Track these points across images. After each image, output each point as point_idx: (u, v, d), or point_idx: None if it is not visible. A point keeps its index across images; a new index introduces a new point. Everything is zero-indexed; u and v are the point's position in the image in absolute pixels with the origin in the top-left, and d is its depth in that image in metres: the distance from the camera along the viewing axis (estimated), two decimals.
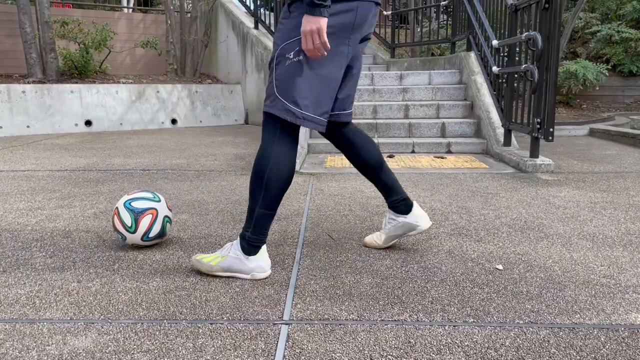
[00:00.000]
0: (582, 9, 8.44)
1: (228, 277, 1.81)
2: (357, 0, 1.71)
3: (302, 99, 1.71)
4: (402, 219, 2.03)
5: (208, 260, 1.82)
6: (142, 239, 2.07)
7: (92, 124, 6.83)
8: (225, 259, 1.80)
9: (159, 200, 2.14)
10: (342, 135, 1.99)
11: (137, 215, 2.04)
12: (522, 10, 4.16)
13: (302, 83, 1.70)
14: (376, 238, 2.12)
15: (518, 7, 4.21)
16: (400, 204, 2.03)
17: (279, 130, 1.75)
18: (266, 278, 1.80)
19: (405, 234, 2.06)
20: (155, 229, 2.08)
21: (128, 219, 2.04)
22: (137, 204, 2.07)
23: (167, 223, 2.14)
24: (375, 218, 2.58)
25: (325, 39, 1.62)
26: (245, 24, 7.65)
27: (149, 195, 2.14)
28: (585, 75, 7.16)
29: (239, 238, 1.83)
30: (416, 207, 2.05)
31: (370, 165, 2.00)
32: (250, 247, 1.79)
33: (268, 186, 1.74)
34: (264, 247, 1.83)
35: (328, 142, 4.80)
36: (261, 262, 1.80)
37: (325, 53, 1.66)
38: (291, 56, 1.70)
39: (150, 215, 2.06)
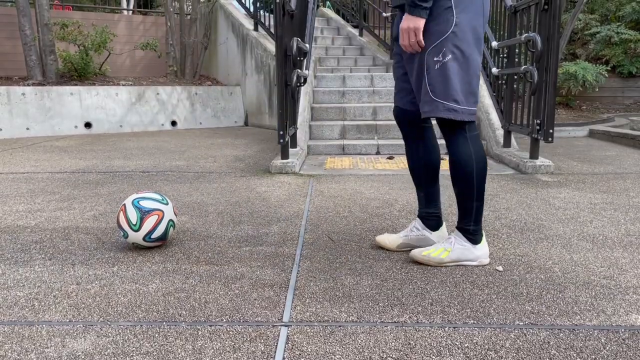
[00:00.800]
0: (582, 10, 8.45)
1: (231, 280, 1.80)
2: None
3: (459, 94, 1.80)
4: (427, 233, 2.07)
5: (437, 254, 1.93)
6: (144, 238, 2.07)
7: (91, 126, 6.82)
8: (453, 251, 1.92)
9: (167, 204, 2.15)
10: (422, 129, 2.04)
11: (143, 214, 2.06)
12: (522, 11, 4.16)
13: (455, 80, 1.79)
14: (391, 240, 2.11)
15: (517, 9, 4.21)
16: (432, 219, 2.07)
17: (456, 129, 1.86)
18: (266, 279, 1.80)
19: (420, 247, 2.08)
20: (159, 231, 2.08)
21: (134, 217, 2.05)
22: (145, 203, 2.09)
23: (171, 227, 2.14)
24: (375, 220, 2.58)
25: (421, 37, 1.76)
26: (245, 26, 7.66)
27: (158, 197, 2.15)
28: (585, 77, 7.16)
29: (459, 232, 1.94)
30: (444, 227, 2.09)
31: (432, 169, 2.04)
32: (476, 237, 1.92)
33: (478, 182, 1.87)
34: (484, 235, 1.98)
35: (328, 143, 4.81)
36: (485, 250, 1.95)
37: (420, 49, 1.80)
38: (440, 58, 1.78)
39: (156, 216, 2.07)
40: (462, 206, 1.91)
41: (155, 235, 2.08)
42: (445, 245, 1.94)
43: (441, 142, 4.75)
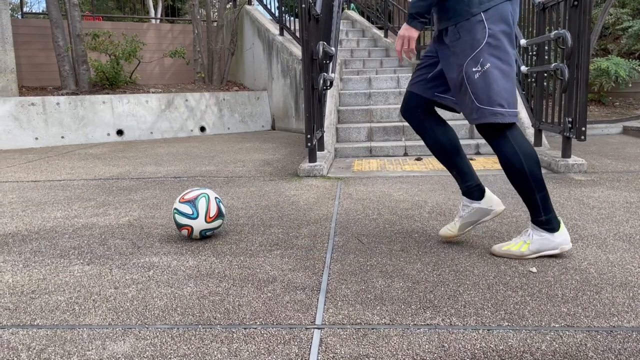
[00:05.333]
0: (613, 5, 8.25)
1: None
2: None
3: (502, 99, 1.90)
4: (476, 204, 2.15)
5: (517, 248, 2.00)
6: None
7: (123, 134, 6.98)
8: (533, 243, 1.98)
9: (196, 217, 2.30)
10: (435, 114, 2.17)
11: (177, 227, 2.34)
12: (551, 8, 4.10)
13: (496, 85, 1.89)
14: (450, 227, 2.19)
15: (546, 5, 4.14)
16: (474, 190, 2.14)
17: (497, 132, 1.97)
18: (297, 282, 1.82)
19: (480, 221, 2.15)
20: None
21: (188, 209, 2.28)
22: (178, 218, 2.33)
23: (206, 233, 2.37)
24: (405, 222, 2.57)
25: (413, 46, 1.95)
26: (271, 31, 7.73)
27: (189, 210, 2.30)
28: (618, 72, 6.99)
29: (534, 225, 1.99)
30: (488, 192, 2.17)
31: (454, 146, 2.15)
32: (552, 225, 1.97)
33: (532, 175, 1.93)
34: (561, 221, 2.03)
35: (355, 146, 4.81)
36: (565, 236, 1.99)
37: (410, 58, 2.02)
38: (479, 68, 1.90)
39: (186, 231, 2.33)
40: (527, 201, 1.97)
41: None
42: (524, 238, 2.00)
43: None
